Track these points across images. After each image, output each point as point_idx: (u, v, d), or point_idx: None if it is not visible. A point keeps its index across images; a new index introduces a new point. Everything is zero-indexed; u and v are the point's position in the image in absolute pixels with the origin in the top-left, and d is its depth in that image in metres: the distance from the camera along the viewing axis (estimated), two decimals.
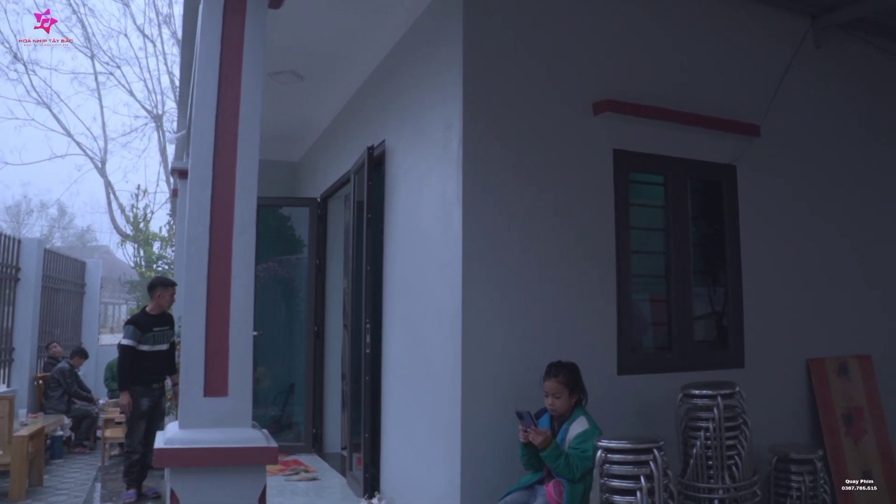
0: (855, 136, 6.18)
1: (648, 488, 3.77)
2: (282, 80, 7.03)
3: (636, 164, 4.96)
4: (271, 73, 6.81)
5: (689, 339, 5.09)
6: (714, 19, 5.48)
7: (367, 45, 6.07)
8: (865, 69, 6.31)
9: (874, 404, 5.79)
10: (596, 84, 4.86)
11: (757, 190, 5.47)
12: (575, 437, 4.00)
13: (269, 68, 6.70)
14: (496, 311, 4.40)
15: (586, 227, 4.73)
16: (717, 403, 4.28)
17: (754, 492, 4.42)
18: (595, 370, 4.55)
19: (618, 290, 4.77)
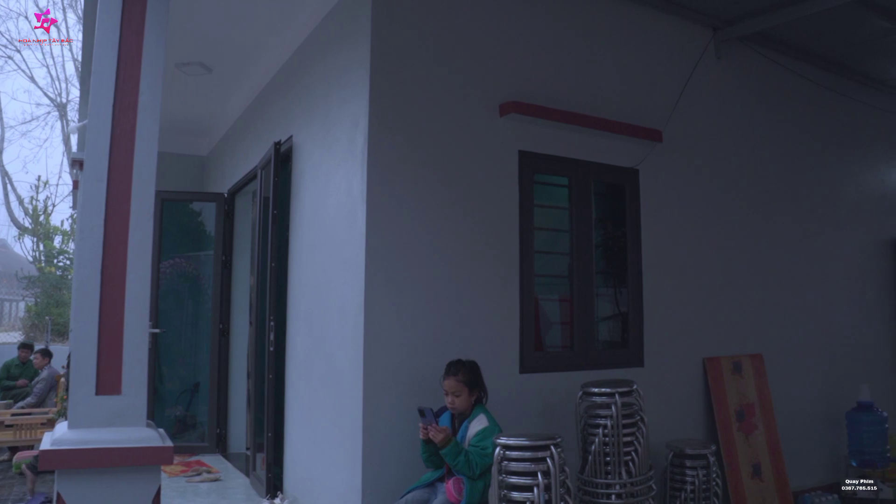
0: (751, 145, 6.44)
1: (545, 484, 3.82)
2: (189, 72, 6.85)
3: (541, 165, 5.03)
4: (178, 63, 6.63)
5: (591, 339, 5.19)
6: (620, 27, 5.61)
7: (276, 39, 5.97)
8: (762, 81, 6.59)
9: (765, 401, 6.04)
10: (503, 85, 4.90)
11: (658, 194, 5.63)
12: (475, 435, 4.02)
13: (175, 59, 6.52)
14: (399, 309, 4.39)
15: (491, 227, 4.77)
16: (616, 401, 4.37)
17: (650, 486, 4.53)
18: (497, 369, 4.59)
19: (521, 290, 4.83)
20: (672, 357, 5.59)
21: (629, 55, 5.63)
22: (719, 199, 6.10)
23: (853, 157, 7.51)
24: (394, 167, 4.45)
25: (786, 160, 6.74)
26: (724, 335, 5.99)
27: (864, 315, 7.39)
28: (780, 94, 6.75)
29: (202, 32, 5.89)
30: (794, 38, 6.62)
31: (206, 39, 6.07)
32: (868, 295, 7.48)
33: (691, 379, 5.73)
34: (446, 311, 4.56)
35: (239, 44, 6.16)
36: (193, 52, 6.40)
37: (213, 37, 6.01)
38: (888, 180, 7.93)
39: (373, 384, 4.28)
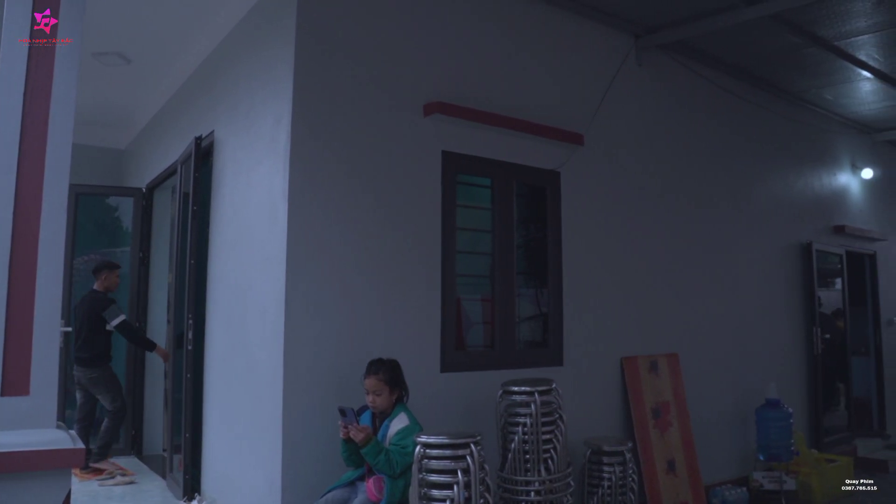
0: (669, 151, 6.64)
1: (465, 482, 3.85)
2: (107, 62, 6.64)
3: (464, 165, 5.07)
4: (95, 53, 6.42)
5: (512, 338, 5.26)
6: (545, 31, 5.70)
7: (198, 32, 5.85)
8: (680, 88, 6.80)
9: (679, 399, 6.23)
10: (428, 86, 4.92)
11: (579, 196, 5.74)
12: (395, 434, 4.03)
13: (93, 48, 6.31)
14: (320, 307, 4.36)
15: (413, 227, 4.78)
16: (535, 399, 4.44)
17: (568, 483, 4.62)
18: (418, 368, 4.61)
19: (442, 290, 4.85)
20: (591, 356, 5.71)
21: (553, 59, 5.73)
22: (638, 203, 6.26)
23: (764, 164, 7.82)
24: (316, 165, 4.41)
25: (702, 166, 6.97)
26: (642, 335, 6.15)
27: (773, 316, 7.70)
28: (697, 102, 6.97)
29: (121, 22, 5.73)
30: (712, 48, 6.85)
31: (125, 29, 5.91)
32: (777, 297, 7.80)
33: (609, 378, 5.86)
34: (368, 310, 4.55)
35: (160, 35, 6.01)
36: (111, 42, 6.21)
37: (132, 27, 5.85)
38: (796, 187, 8.29)
39: (293, 383, 4.24)
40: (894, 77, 7.56)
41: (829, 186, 8.88)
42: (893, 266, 10.01)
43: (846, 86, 7.88)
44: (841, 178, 9.10)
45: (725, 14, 5.89)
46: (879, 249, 9.63)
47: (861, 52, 6.90)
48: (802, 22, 6.21)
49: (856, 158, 9.36)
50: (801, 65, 7.21)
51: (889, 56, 7.01)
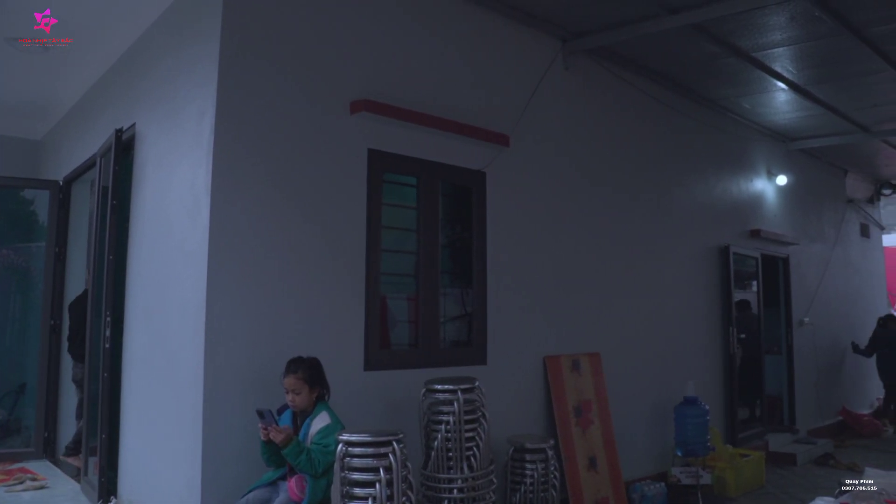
0: (593, 154, 6.78)
1: (387, 480, 3.86)
2: (23, 48, 6.39)
3: (390, 164, 5.07)
4: (9, 38, 6.17)
5: (436, 337, 5.28)
6: (473, 32, 5.75)
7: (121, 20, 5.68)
8: (605, 93, 6.95)
9: (601, 397, 6.36)
10: (354, 83, 4.90)
11: (504, 196, 5.81)
12: (317, 433, 4.01)
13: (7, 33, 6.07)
14: (242, 305, 4.30)
15: (338, 224, 4.76)
16: (458, 398, 4.48)
17: (491, 480, 4.67)
18: (342, 366, 4.59)
19: (366, 288, 4.84)
20: (514, 355, 5.79)
21: (481, 60, 5.78)
22: (562, 204, 6.37)
23: (686, 169, 8.06)
24: (240, 161, 4.35)
25: (625, 170, 7.13)
26: (565, 335, 6.26)
27: (692, 316, 7.94)
28: (622, 107, 7.14)
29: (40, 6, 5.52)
30: (637, 55, 7.03)
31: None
32: (696, 298, 8.04)
33: (532, 376, 5.94)
34: (292, 307, 4.50)
35: (80, 22, 5.81)
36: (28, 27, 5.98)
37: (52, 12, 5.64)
38: (715, 192, 8.56)
39: (214, 381, 4.17)
40: (807, 88, 7.88)
41: (747, 192, 9.20)
42: (805, 269, 10.43)
43: (763, 95, 8.19)
44: (757, 184, 9.44)
45: (649, 22, 6.05)
46: (792, 253, 10.02)
47: (777, 63, 7.18)
48: (722, 33, 6.42)
49: (771, 165, 9.72)
50: (720, 74, 7.46)
51: (802, 68, 7.32)
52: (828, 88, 7.97)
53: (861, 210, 12.61)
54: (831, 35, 6.41)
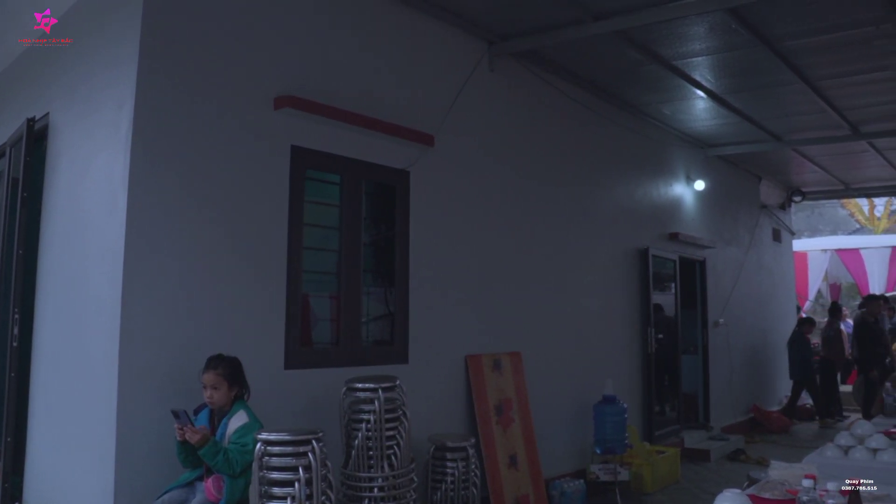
0: (518, 156, 6.87)
1: (307, 479, 3.84)
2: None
3: (314, 161, 5.03)
4: None
5: (357, 335, 5.28)
6: (400, 31, 5.76)
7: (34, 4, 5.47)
8: (531, 96, 7.05)
9: (522, 396, 6.45)
10: (279, 79, 4.84)
11: (428, 196, 5.83)
12: (235, 432, 3.96)
13: None
14: (160, 302, 4.20)
15: (259, 221, 4.70)
16: (379, 396, 4.48)
17: (412, 479, 4.69)
18: (261, 364, 4.54)
19: (288, 286, 4.79)
20: (436, 354, 5.82)
21: (407, 60, 5.79)
22: (486, 205, 6.43)
23: (608, 172, 8.24)
24: (160, 155, 4.25)
25: (549, 172, 7.25)
26: (486, 334, 6.33)
27: (611, 317, 8.12)
28: (546, 110, 7.25)
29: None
30: (562, 59, 7.15)
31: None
32: (615, 298, 8.23)
33: (454, 375, 5.98)
34: (211, 305, 4.43)
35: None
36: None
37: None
38: (636, 195, 8.78)
39: (129, 380, 4.06)
40: (724, 97, 8.16)
41: (666, 196, 9.46)
42: (721, 272, 10.79)
43: (683, 103, 8.43)
44: (676, 189, 9.72)
45: (574, 27, 6.16)
46: (708, 256, 10.36)
47: (696, 72, 7.40)
48: (645, 40, 6.59)
49: (690, 171, 10.02)
50: (643, 80, 7.65)
51: (720, 78, 7.57)
52: (743, 98, 8.26)
53: (773, 215, 13.11)
54: (747, 47, 6.66)
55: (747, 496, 3.12)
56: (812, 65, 7.18)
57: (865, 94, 8.06)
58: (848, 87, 7.88)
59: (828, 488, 2.80)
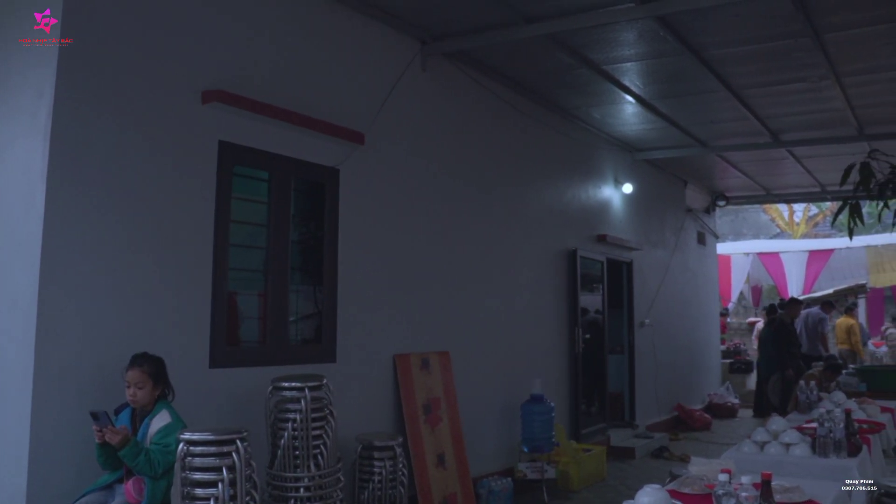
0: (450, 155, 6.90)
1: (230, 479, 3.78)
2: None
3: (242, 157, 4.96)
4: None
5: (284, 334, 5.22)
6: (332, 28, 5.71)
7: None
8: (463, 97, 7.09)
9: (450, 395, 6.48)
10: (208, 73, 4.74)
11: (358, 195, 5.81)
12: (157, 432, 3.88)
13: None
14: (80, 299, 4.07)
15: (185, 217, 4.59)
16: (305, 395, 4.45)
17: (338, 478, 4.67)
18: (186, 363, 4.45)
19: (213, 283, 4.70)
20: (364, 353, 5.80)
21: (339, 57, 5.75)
22: (416, 204, 6.44)
23: (538, 174, 8.35)
24: (82, 145, 4.12)
25: (479, 173, 7.31)
26: (415, 333, 6.34)
27: (540, 317, 8.23)
28: (478, 111, 7.30)
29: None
30: (494, 61, 7.21)
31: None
32: (544, 299, 8.34)
33: (382, 374, 5.98)
34: (133, 303, 4.31)
35: None
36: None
37: None
38: (565, 197, 8.92)
39: (45, 380, 3.93)
40: (652, 102, 8.36)
41: (595, 198, 9.63)
42: (647, 274, 11.05)
43: (612, 107, 8.61)
44: (605, 192, 9.91)
45: (506, 30, 6.23)
46: (635, 258, 10.60)
47: (625, 77, 7.57)
48: (575, 45, 6.70)
49: (618, 174, 10.23)
50: (573, 84, 7.78)
51: (648, 83, 7.75)
52: (671, 104, 8.48)
53: (698, 219, 13.48)
54: (674, 54, 6.83)
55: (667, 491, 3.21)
56: (735, 74, 7.43)
57: (785, 103, 8.37)
58: (769, 97, 8.18)
59: (742, 482, 2.90)
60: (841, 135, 9.54)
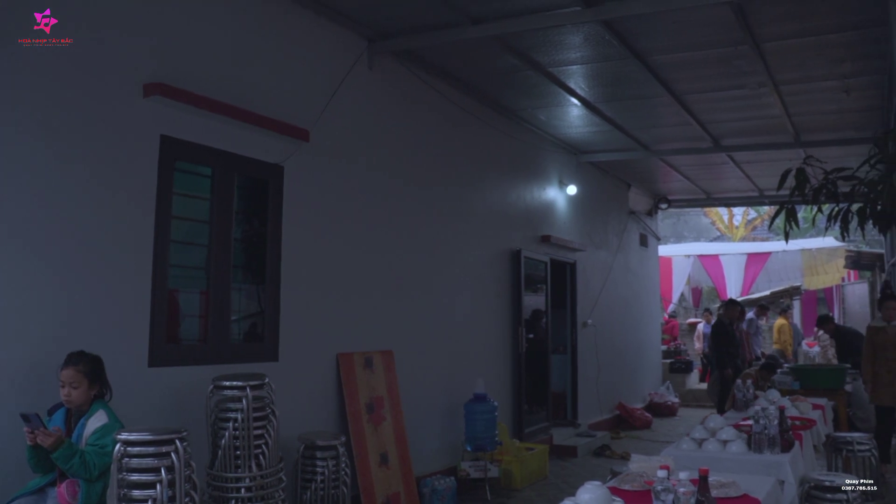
0: (396, 154, 6.89)
1: (169, 480, 3.71)
2: None
3: (184, 152, 4.86)
4: None
5: (226, 333, 5.14)
6: (279, 23, 5.64)
7: None
8: (409, 96, 7.09)
9: (393, 394, 6.47)
10: (149, 65, 4.62)
11: (302, 192, 5.75)
12: (93, 433, 3.78)
13: None
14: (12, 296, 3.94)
15: (124, 213, 4.48)
16: (247, 394, 4.40)
17: (280, 478, 4.63)
18: (124, 362, 4.34)
19: (153, 280, 4.60)
20: (307, 352, 5.75)
21: (285, 53, 5.68)
22: (361, 203, 6.41)
23: (483, 174, 8.39)
24: (14, 136, 3.97)
25: (425, 172, 7.31)
26: (358, 332, 6.31)
27: (484, 316, 8.27)
28: (424, 110, 7.31)
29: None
30: (441, 60, 7.22)
31: None
32: (488, 298, 8.39)
33: (325, 373, 5.93)
34: (70, 300, 4.19)
35: None
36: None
37: None
38: (510, 198, 8.98)
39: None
40: (597, 105, 8.47)
41: (539, 199, 9.72)
42: (590, 274, 11.19)
43: (557, 109, 8.70)
44: (549, 193, 10.01)
45: (453, 30, 6.24)
46: (579, 259, 10.72)
47: (571, 80, 7.66)
48: (522, 47, 6.75)
49: (563, 176, 10.34)
50: (520, 85, 7.84)
51: (593, 87, 7.85)
52: (615, 107, 8.61)
53: (641, 221, 13.72)
54: (619, 58, 6.94)
55: (606, 488, 3.26)
56: (678, 79, 7.58)
57: (725, 109, 8.58)
58: (710, 103, 8.37)
59: (680, 478, 2.96)
60: (778, 141, 9.82)
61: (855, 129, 9.25)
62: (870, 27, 6.13)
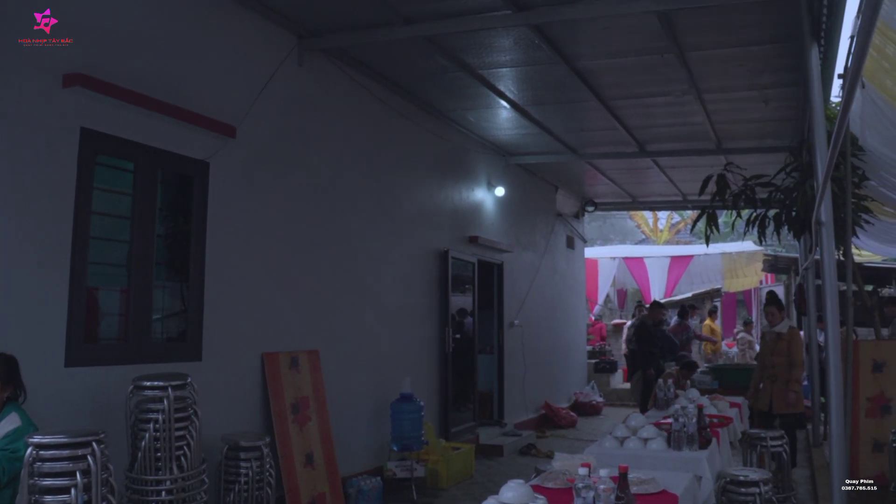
0: (325, 153, 6.83)
1: (85, 484, 3.60)
2: None
3: (105, 146, 4.73)
4: None
5: (147, 332, 5.03)
6: (206, 16, 5.53)
7: None
8: (339, 94, 7.05)
9: (319, 394, 6.42)
10: (69, 55, 4.46)
11: (228, 189, 5.66)
12: (4, 437, 3.65)
13: None
14: None
15: (40, 208, 4.33)
16: (168, 395, 4.30)
17: (202, 480, 4.54)
18: (39, 362, 4.19)
19: (71, 278, 4.45)
20: (231, 352, 5.66)
21: (212, 47, 5.58)
22: (288, 201, 6.34)
23: (412, 174, 8.41)
24: None
25: (354, 171, 7.27)
26: (284, 332, 6.24)
27: (411, 316, 8.28)
28: (354, 109, 7.27)
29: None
30: (372, 59, 7.21)
31: None
32: (415, 298, 8.40)
33: (249, 373, 5.85)
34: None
35: None
36: None
37: None
38: (438, 198, 9.02)
39: None
40: (526, 108, 8.58)
41: (467, 200, 9.78)
42: (517, 275, 11.32)
43: (487, 111, 8.77)
44: (478, 194, 10.08)
45: (384, 29, 6.23)
46: (506, 260, 10.83)
47: (500, 82, 7.73)
48: (453, 48, 6.79)
49: (491, 177, 10.43)
50: (449, 86, 7.87)
51: (522, 90, 7.95)
52: (544, 111, 8.74)
53: (568, 224, 13.94)
54: (548, 63, 7.04)
55: (529, 486, 3.31)
56: (606, 85, 7.73)
57: (650, 115, 8.79)
58: (636, 108, 8.57)
59: (600, 475, 3.02)
60: (701, 148, 10.12)
61: (773, 138, 9.60)
62: (786, 41, 6.38)
